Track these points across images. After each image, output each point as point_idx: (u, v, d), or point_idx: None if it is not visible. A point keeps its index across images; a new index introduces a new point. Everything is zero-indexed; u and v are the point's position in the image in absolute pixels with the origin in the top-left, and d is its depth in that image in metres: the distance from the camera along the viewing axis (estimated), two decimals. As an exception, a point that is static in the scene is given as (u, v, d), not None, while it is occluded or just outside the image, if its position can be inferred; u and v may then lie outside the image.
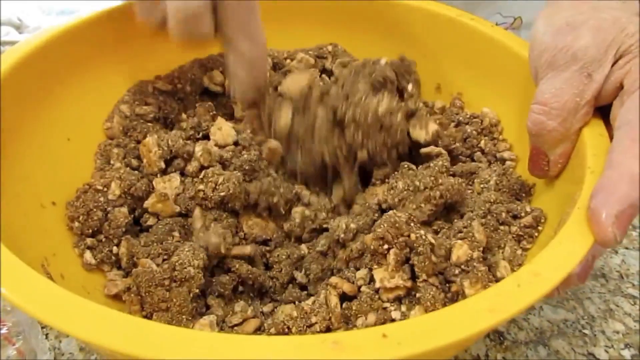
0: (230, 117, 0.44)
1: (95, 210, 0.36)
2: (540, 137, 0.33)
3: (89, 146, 0.41)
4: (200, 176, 0.36)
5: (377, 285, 0.30)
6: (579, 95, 0.31)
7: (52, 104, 0.39)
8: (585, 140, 0.32)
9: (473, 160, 0.41)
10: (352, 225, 0.33)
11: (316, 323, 0.30)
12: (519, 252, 0.32)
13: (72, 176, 0.39)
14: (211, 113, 0.43)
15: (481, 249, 0.31)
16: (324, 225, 0.36)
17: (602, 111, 0.33)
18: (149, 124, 0.42)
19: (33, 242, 0.33)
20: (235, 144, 0.39)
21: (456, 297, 0.30)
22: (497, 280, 0.30)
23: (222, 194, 0.35)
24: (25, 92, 0.36)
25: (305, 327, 0.30)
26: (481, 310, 0.23)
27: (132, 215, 0.37)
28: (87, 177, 0.40)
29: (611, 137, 0.31)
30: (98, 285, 0.35)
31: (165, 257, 0.34)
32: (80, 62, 0.41)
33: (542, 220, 0.33)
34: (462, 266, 0.30)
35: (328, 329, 0.30)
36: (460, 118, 0.42)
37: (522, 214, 0.34)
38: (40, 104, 0.38)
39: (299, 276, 0.35)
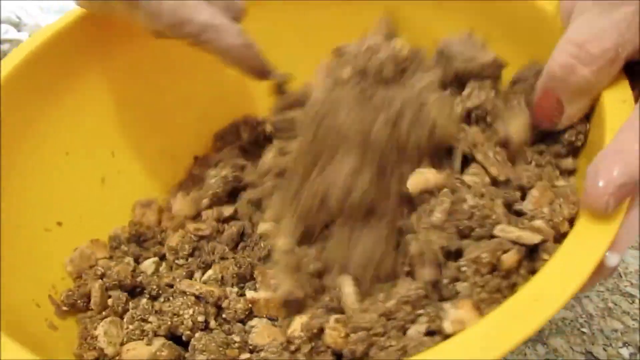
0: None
1: None
2: (565, 82, 0.28)
3: (88, 159, 0.39)
4: None
5: None
6: (621, 45, 0.26)
7: (46, 120, 0.37)
8: (605, 109, 0.27)
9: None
10: None
11: None
12: None
13: (74, 192, 0.38)
14: None
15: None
16: None
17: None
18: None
19: (39, 270, 0.33)
20: None
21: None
22: None
23: None
24: (16, 111, 0.35)
25: None
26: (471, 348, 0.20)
27: None
28: (90, 193, 0.39)
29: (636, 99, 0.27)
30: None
31: None
32: (71, 70, 0.38)
33: None
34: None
35: None
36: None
37: None
38: (34, 123, 0.36)
39: None
